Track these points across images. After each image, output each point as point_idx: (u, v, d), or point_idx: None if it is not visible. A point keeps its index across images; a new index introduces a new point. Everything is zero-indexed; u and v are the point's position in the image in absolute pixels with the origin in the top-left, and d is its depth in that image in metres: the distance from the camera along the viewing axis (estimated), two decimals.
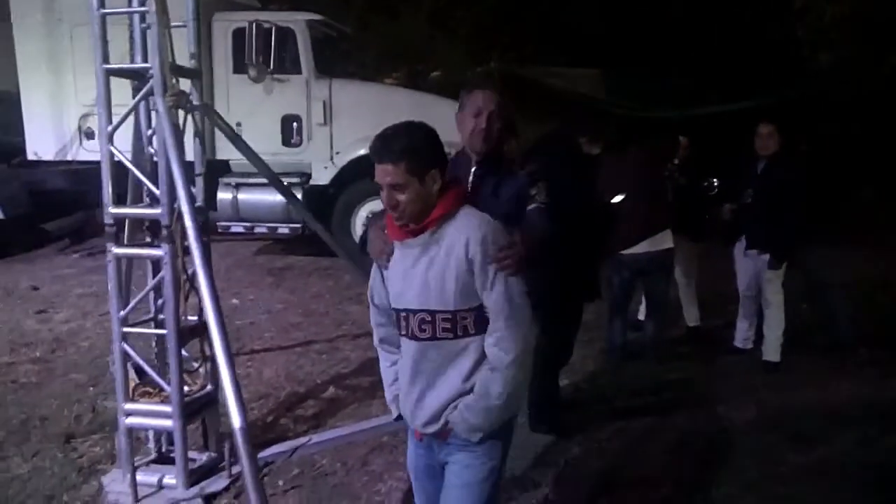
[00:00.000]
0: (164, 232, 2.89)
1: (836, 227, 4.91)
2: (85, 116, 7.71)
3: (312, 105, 7.44)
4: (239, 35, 7.24)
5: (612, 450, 3.57)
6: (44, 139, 7.98)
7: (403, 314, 1.91)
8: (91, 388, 4.30)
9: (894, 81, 10.60)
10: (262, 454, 3.40)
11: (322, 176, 7.52)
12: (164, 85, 2.78)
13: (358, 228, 7.51)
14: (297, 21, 7.40)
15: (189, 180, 2.79)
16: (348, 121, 7.44)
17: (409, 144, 1.80)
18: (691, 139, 5.01)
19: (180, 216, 2.82)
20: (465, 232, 1.82)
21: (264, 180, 7.14)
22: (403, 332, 1.93)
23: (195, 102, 2.99)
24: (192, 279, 3.03)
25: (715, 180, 4.83)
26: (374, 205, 7.51)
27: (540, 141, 3.93)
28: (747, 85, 13.48)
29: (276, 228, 7.69)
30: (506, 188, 2.39)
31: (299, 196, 7.41)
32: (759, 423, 3.82)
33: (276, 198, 7.48)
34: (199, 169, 3.11)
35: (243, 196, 7.58)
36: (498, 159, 2.47)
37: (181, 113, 2.88)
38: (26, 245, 8.34)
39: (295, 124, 7.51)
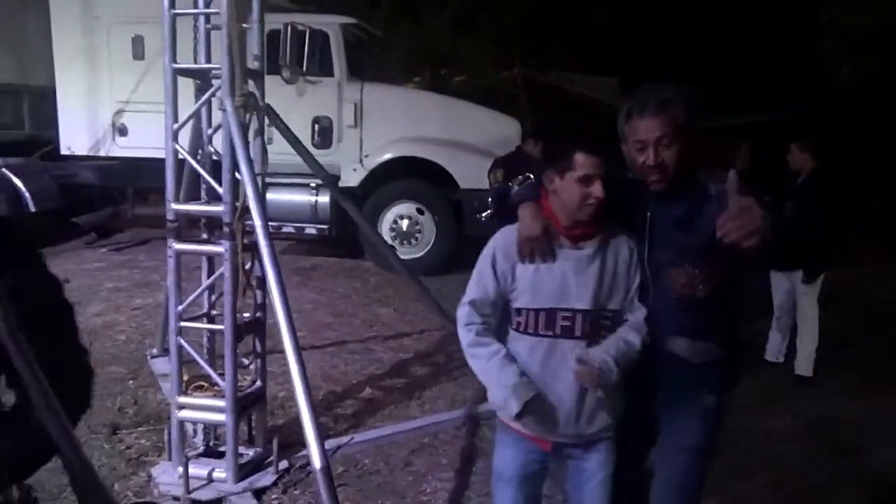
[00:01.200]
0: (226, 229, 2.95)
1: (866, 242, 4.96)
2: (119, 112, 7.81)
3: (343, 107, 7.52)
4: (273, 36, 7.27)
5: None
6: (77, 134, 8.07)
7: (566, 313, 1.93)
8: (131, 381, 4.36)
9: None
10: (303, 452, 3.45)
11: (351, 178, 7.59)
12: (233, 85, 2.84)
13: (384, 232, 7.56)
14: (331, 24, 7.47)
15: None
16: (378, 124, 7.52)
17: None
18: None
19: (243, 214, 2.89)
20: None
21: (292, 180, 7.41)
22: (559, 333, 1.93)
23: (259, 103, 3.05)
24: (250, 275, 3.11)
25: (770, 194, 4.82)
26: (403, 208, 7.59)
27: None
28: (768, 97, 13.55)
29: (303, 228, 7.74)
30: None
31: (328, 198, 7.49)
32: (797, 433, 3.86)
33: (304, 198, 7.60)
34: (260, 168, 3.17)
35: (271, 195, 7.53)
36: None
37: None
38: (55, 239, 8.43)
39: (325, 126, 7.59)
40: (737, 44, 14.97)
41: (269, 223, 8.18)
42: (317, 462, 2.25)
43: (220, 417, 3.08)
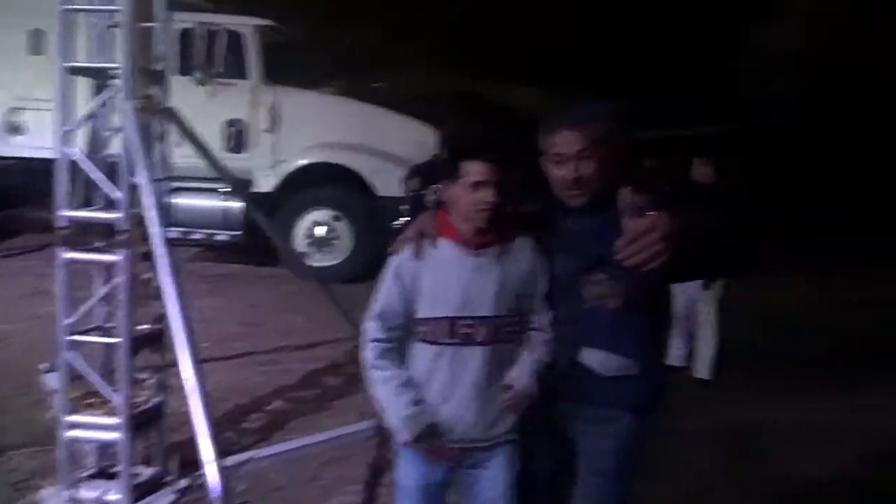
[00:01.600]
0: (123, 237, 2.81)
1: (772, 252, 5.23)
2: (14, 110, 7.31)
3: (258, 111, 7.34)
4: (186, 36, 7.06)
5: None
6: None
7: (468, 322, 1.94)
8: (22, 398, 4.06)
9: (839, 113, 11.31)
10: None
11: (265, 183, 7.40)
12: (131, 87, 2.71)
13: (300, 239, 7.42)
14: (246, 25, 7.29)
15: None
16: (294, 129, 7.38)
17: None
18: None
19: (140, 222, 2.76)
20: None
21: (201, 184, 7.15)
22: (461, 341, 1.94)
23: (160, 105, 2.92)
24: (148, 286, 2.97)
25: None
26: (318, 215, 7.46)
27: None
28: (689, 110, 14.08)
29: (213, 235, 7.47)
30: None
31: (239, 204, 7.28)
32: (697, 437, 3.99)
33: (215, 203, 7.33)
34: (160, 173, 3.03)
35: (180, 200, 7.31)
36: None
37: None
38: None
39: (238, 130, 7.38)
40: (667, 58, 15.50)
41: (178, 228, 7.87)
42: (213, 482, 2.15)
43: (113, 436, 2.92)
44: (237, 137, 7.38)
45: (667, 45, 14.86)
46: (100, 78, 2.91)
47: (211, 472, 2.15)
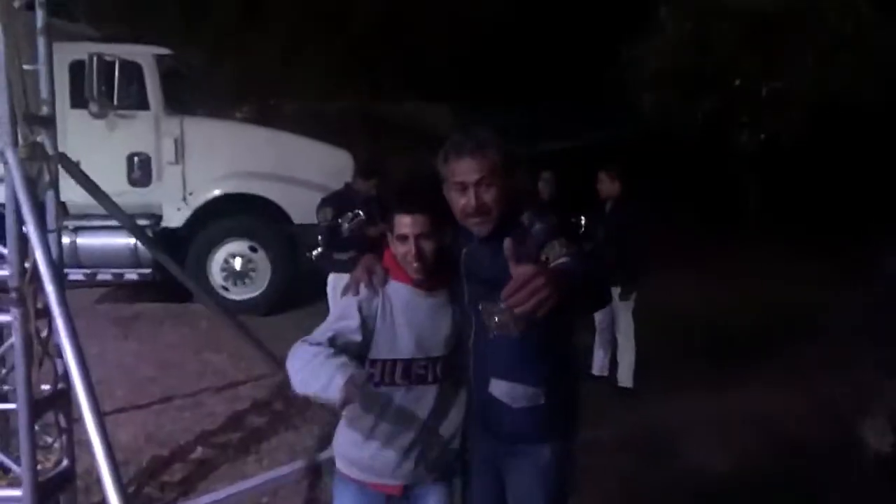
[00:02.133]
0: (14, 295, 2.62)
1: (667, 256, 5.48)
2: None
3: (162, 142, 7.05)
4: (77, 67, 6.71)
5: None
6: None
7: (423, 363, 1.94)
8: None
9: (707, 123, 12.10)
10: None
11: (174, 217, 7.12)
12: (14, 134, 2.54)
13: (215, 272, 7.18)
14: (144, 55, 7.01)
15: None
16: (202, 159, 7.13)
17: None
18: (555, 174, 5.25)
19: (34, 277, 2.59)
20: None
21: (106, 223, 6.80)
22: (414, 381, 1.94)
23: (49, 152, 2.75)
24: (47, 344, 2.78)
25: (582, 217, 5.06)
26: (233, 247, 7.24)
27: None
28: (584, 124, 14.71)
29: (122, 274, 7.11)
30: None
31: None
32: (621, 443, 4.11)
33: (122, 241, 6.99)
34: (52, 224, 2.85)
35: (84, 240, 6.96)
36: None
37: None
38: None
39: (142, 162, 7.07)
40: (552, 72, 16.18)
41: (82, 270, 7.42)
42: None
43: None
44: (142, 170, 7.07)
45: (560, 60, 15.53)
46: None
47: None
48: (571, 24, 16.21)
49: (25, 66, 2.67)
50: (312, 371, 1.76)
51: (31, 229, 2.46)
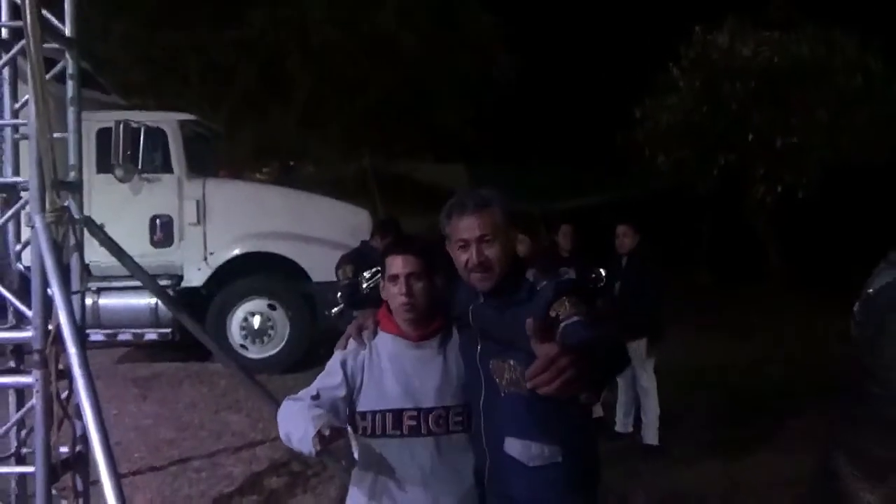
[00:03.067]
0: (36, 356, 2.65)
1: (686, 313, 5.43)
2: None
3: (185, 204, 7.21)
4: (104, 134, 6.95)
5: None
6: None
7: (412, 412, 1.93)
8: None
9: (721, 178, 12.15)
10: None
11: (195, 277, 7.21)
12: (42, 200, 2.62)
13: (234, 331, 7.22)
14: (168, 121, 7.25)
15: None
16: (223, 220, 7.27)
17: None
18: (575, 228, 5.22)
19: (56, 339, 2.62)
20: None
21: (128, 283, 6.91)
22: (406, 432, 1.92)
23: (75, 216, 2.83)
24: (67, 405, 2.80)
25: (602, 271, 5.02)
26: (252, 306, 7.29)
27: None
28: (599, 182, 14.88)
29: (142, 335, 7.17)
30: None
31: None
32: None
33: (142, 301, 7.08)
34: (76, 286, 2.91)
35: (105, 301, 7.07)
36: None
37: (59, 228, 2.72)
38: None
39: (165, 223, 7.22)
40: (570, 133, 16.48)
41: (103, 331, 7.51)
42: None
43: None
44: (164, 232, 7.21)
45: (574, 120, 15.85)
46: (9, 192, 2.81)
47: None
48: (586, 85, 16.60)
49: (56, 135, 2.77)
50: (294, 423, 1.83)
51: (55, 292, 2.51)
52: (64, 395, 2.79)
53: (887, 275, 4.90)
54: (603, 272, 5.04)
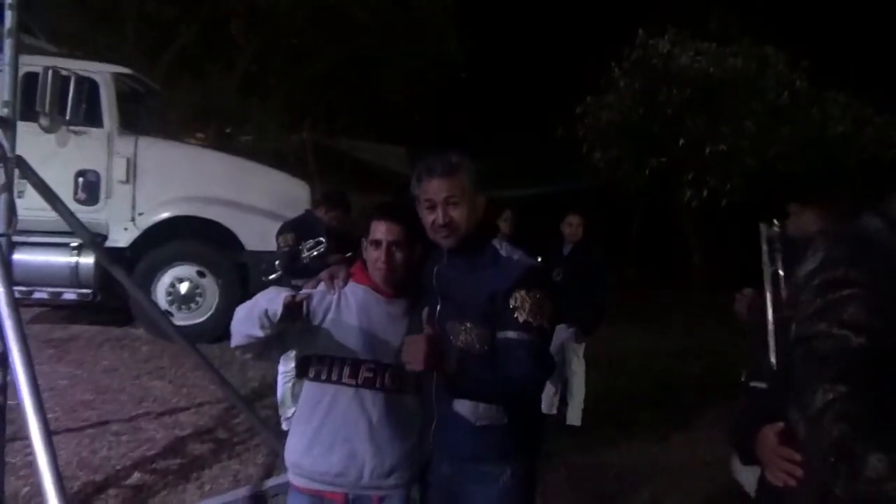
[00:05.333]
0: None
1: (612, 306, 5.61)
2: None
3: (114, 161, 6.89)
4: (30, 80, 6.53)
5: None
6: None
7: (371, 365, 1.96)
8: None
9: (653, 178, 12.59)
10: None
11: (121, 238, 6.91)
12: None
13: (160, 296, 6.97)
14: (101, 72, 6.90)
15: None
16: (154, 180, 7.00)
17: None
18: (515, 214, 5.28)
19: None
20: None
21: (47, 239, 6.57)
22: (361, 383, 1.96)
23: (7, 154, 2.68)
24: None
25: (539, 258, 5.11)
26: (180, 271, 7.06)
27: None
28: (538, 174, 15.10)
29: (60, 294, 6.83)
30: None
31: (91, 259, 6.75)
32: (568, 482, 4.14)
33: (62, 259, 6.76)
34: (4, 228, 2.75)
35: (20, 256, 6.66)
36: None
37: None
38: None
39: (91, 180, 6.88)
40: (513, 123, 16.64)
41: (18, 288, 7.14)
42: None
43: None
44: (90, 188, 6.88)
45: (515, 111, 16.06)
46: None
47: None
48: (533, 77, 16.80)
49: None
50: (255, 305, 1.91)
51: None
52: None
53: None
54: (539, 259, 5.14)
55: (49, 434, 2.09)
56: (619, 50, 12.64)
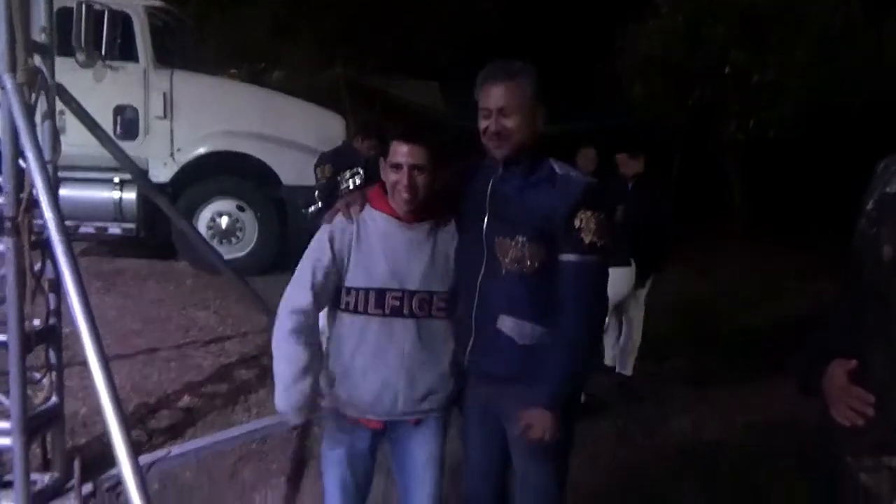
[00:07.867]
0: (9, 224, 2.55)
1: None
2: None
3: (151, 96, 6.91)
4: (64, 15, 6.51)
5: None
6: None
7: (397, 293, 1.93)
8: None
9: (695, 112, 12.15)
10: (110, 472, 3.09)
11: (161, 173, 6.99)
12: (13, 59, 2.46)
13: (202, 230, 7.05)
14: (134, 6, 6.85)
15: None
16: (192, 116, 7.01)
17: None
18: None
19: (28, 208, 2.53)
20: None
21: (90, 174, 6.66)
22: (388, 312, 1.95)
23: (48, 81, 2.68)
24: (40, 278, 2.73)
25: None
26: (221, 205, 7.14)
27: None
28: (576, 110, 14.65)
29: (105, 228, 6.99)
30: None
31: (134, 195, 6.87)
32: (616, 434, 3.95)
33: (106, 194, 6.89)
34: (49, 155, 2.78)
35: (66, 192, 6.72)
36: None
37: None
38: None
39: (129, 116, 6.93)
40: (549, 60, 16.10)
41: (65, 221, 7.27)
42: (128, 478, 1.97)
43: (6, 441, 2.66)
44: (128, 124, 6.93)
45: (552, 46, 15.51)
46: None
47: (127, 471, 1.98)
48: (566, 9, 16.15)
49: None
50: (283, 381, 1.95)
51: (30, 156, 2.39)
52: (36, 267, 2.71)
53: None
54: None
55: (105, 356, 2.14)
56: None
